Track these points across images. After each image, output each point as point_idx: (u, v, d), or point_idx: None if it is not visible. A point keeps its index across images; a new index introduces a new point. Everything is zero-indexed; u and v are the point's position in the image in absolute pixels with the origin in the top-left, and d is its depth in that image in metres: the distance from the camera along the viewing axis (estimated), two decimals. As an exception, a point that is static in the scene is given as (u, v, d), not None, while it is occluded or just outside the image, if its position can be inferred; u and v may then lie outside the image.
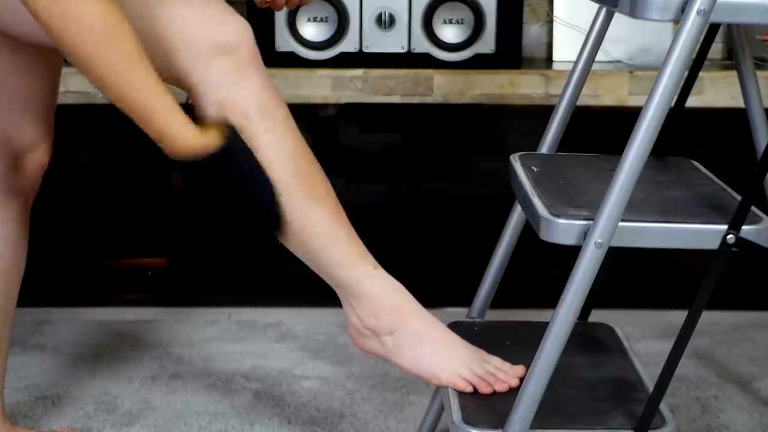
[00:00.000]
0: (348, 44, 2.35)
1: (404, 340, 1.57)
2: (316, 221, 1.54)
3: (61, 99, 2.18)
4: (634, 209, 1.33)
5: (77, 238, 2.50)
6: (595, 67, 1.72)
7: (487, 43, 2.35)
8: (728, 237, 1.32)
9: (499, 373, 1.53)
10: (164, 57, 1.42)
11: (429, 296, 1.67)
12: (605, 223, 1.29)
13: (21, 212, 1.70)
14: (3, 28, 1.49)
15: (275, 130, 1.50)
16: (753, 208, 1.35)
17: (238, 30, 1.46)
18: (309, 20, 2.35)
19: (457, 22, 2.35)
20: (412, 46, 2.36)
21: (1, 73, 1.60)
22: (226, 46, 1.45)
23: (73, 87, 1.71)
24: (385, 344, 1.58)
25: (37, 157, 1.69)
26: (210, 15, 1.44)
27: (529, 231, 1.49)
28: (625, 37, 2.39)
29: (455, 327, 1.66)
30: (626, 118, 1.70)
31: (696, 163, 1.66)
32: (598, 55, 1.70)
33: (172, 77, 1.44)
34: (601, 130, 2.43)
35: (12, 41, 1.56)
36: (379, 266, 1.58)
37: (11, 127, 1.64)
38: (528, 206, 1.43)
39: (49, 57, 1.64)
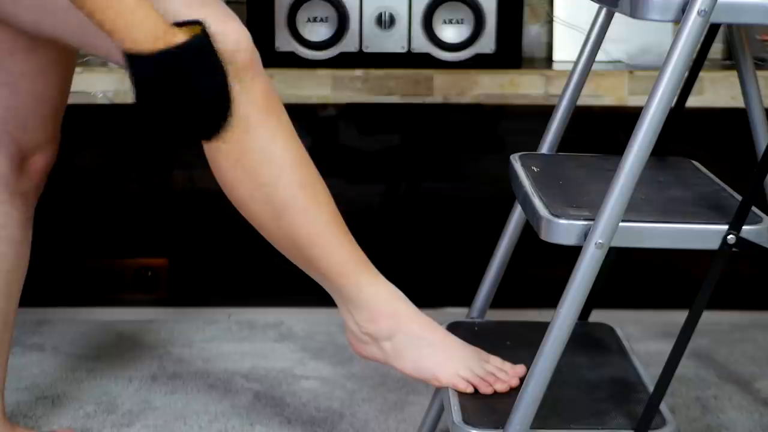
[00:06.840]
0: (348, 44, 2.34)
1: (403, 344, 1.56)
2: (315, 230, 1.53)
3: (61, 99, 2.19)
4: (634, 209, 1.33)
5: (77, 238, 2.50)
6: (595, 67, 1.72)
7: (487, 43, 2.35)
8: (728, 237, 1.32)
9: (500, 373, 1.53)
10: None
11: (429, 296, 1.67)
12: (606, 224, 1.29)
13: (24, 213, 1.69)
14: (13, 19, 1.48)
15: (278, 137, 1.50)
16: (753, 208, 1.35)
17: (236, 36, 1.45)
18: (309, 20, 2.34)
19: (457, 22, 2.35)
20: (412, 46, 2.35)
21: (14, 74, 1.60)
22: (224, 54, 1.44)
23: (73, 87, 1.71)
24: (384, 349, 1.57)
25: (42, 159, 1.68)
26: (208, 20, 1.41)
27: (529, 231, 1.49)
28: (625, 37, 2.39)
29: (455, 327, 1.66)
30: (626, 118, 1.70)
31: (696, 163, 1.66)
32: (598, 55, 1.70)
33: None
34: (601, 130, 2.42)
35: (28, 42, 1.55)
36: (377, 272, 1.58)
37: (19, 129, 1.64)
38: (528, 206, 1.43)
39: (63, 59, 1.63)
